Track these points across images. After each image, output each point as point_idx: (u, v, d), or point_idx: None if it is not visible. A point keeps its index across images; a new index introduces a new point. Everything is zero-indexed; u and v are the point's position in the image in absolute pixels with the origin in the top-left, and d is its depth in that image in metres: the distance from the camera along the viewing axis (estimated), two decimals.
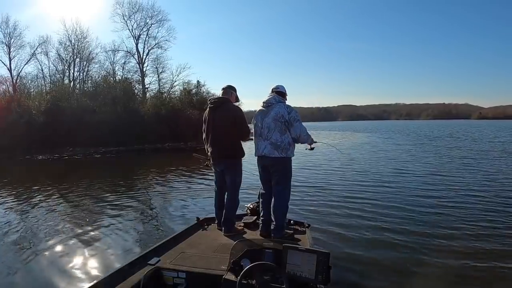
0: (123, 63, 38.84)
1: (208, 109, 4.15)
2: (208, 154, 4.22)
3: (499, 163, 13.00)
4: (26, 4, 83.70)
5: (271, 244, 2.85)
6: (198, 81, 38.32)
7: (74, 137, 24.27)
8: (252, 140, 4.12)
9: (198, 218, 4.50)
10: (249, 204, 4.78)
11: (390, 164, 13.13)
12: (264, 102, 3.98)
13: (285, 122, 3.79)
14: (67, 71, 35.72)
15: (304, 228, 4.14)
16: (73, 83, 35.37)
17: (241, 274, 2.48)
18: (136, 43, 39.14)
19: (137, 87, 37.78)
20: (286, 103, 4.02)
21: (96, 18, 75.29)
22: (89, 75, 36.54)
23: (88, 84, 35.94)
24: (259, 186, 4.15)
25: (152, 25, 39.36)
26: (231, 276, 2.62)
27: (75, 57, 35.44)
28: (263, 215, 3.97)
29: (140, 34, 39.10)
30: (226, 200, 4.09)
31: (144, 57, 39.32)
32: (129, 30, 38.95)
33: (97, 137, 24.93)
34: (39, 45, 35.04)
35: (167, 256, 3.24)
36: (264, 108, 3.97)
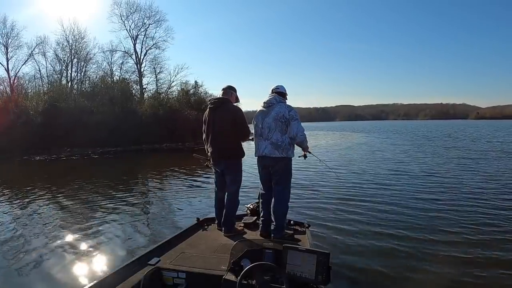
0: (120, 64, 38.73)
1: (208, 109, 4.14)
2: (208, 154, 4.21)
3: (498, 163, 12.98)
4: (23, 4, 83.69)
5: (271, 244, 2.85)
6: (195, 81, 38.29)
7: (72, 137, 24.23)
8: (251, 140, 4.12)
9: (198, 218, 4.49)
10: (249, 204, 4.77)
11: (389, 164, 13.13)
12: (264, 102, 3.98)
13: (285, 121, 3.80)
14: (65, 71, 35.62)
15: (304, 229, 4.13)
16: (70, 83, 35.22)
17: (241, 274, 2.48)
18: (134, 44, 39.02)
19: (134, 88, 37.71)
20: (287, 103, 4.02)
21: (93, 19, 75.10)
22: (86, 76, 36.44)
23: (86, 84, 35.83)
24: (259, 186, 4.15)
25: (150, 25, 39.22)
26: (231, 276, 2.62)
27: (72, 57, 35.30)
28: (263, 215, 3.97)
29: (137, 35, 38.97)
30: (226, 200, 4.07)
31: (141, 57, 39.19)
32: (126, 30, 38.82)
33: (94, 137, 24.89)
34: (37, 45, 34.93)
35: (167, 256, 3.24)
36: (265, 109, 3.97)
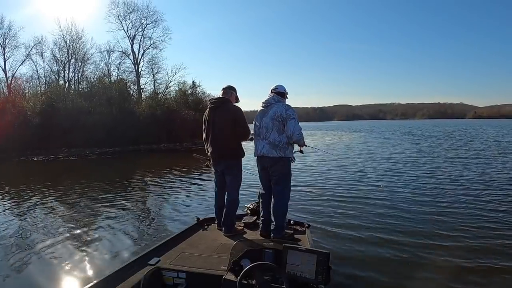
0: (118, 64, 38.68)
1: (208, 109, 4.15)
2: (208, 154, 4.22)
3: (497, 163, 12.92)
4: (20, 4, 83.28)
5: (271, 244, 2.86)
6: (193, 81, 38.21)
7: (69, 138, 24.18)
8: (250, 140, 4.13)
9: (198, 218, 4.50)
10: (249, 204, 4.78)
11: (388, 165, 13.11)
12: (263, 102, 3.99)
13: (282, 121, 3.79)
14: (62, 71, 35.50)
15: (304, 228, 4.14)
16: (68, 83, 35.11)
17: (241, 274, 2.49)
18: (131, 44, 38.96)
19: (132, 88, 37.59)
20: (286, 102, 4.03)
21: (91, 19, 74.93)
22: (84, 76, 36.33)
23: (83, 84, 35.64)
24: (259, 186, 4.16)
25: (148, 25, 39.16)
26: (231, 276, 2.62)
27: (70, 57, 35.23)
28: (263, 215, 3.98)
29: (135, 35, 38.94)
30: (226, 200, 4.08)
31: (139, 57, 39.14)
32: (124, 30, 38.75)
33: (92, 138, 24.82)
34: (34, 45, 34.91)
35: (167, 256, 3.24)
36: (264, 108, 3.98)
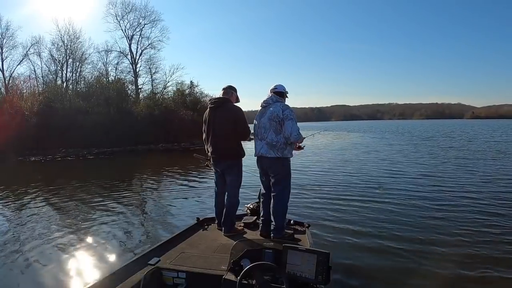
0: (116, 64, 38.61)
1: (208, 109, 4.14)
2: (208, 154, 4.22)
3: (495, 164, 12.92)
4: (18, 4, 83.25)
5: (271, 244, 2.85)
6: (191, 81, 38.33)
7: (67, 138, 24.15)
8: (248, 141, 4.13)
9: (198, 218, 4.49)
10: (249, 204, 4.78)
11: (386, 165, 13.11)
12: (262, 102, 4.00)
13: (279, 121, 3.78)
14: (60, 71, 35.46)
15: (304, 228, 4.14)
16: (65, 83, 35.06)
17: (241, 274, 2.48)
18: (129, 44, 38.94)
19: (130, 88, 37.62)
20: (286, 102, 4.03)
21: (89, 18, 74.90)
22: (82, 76, 36.30)
23: (81, 84, 35.68)
24: (259, 186, 4.16)
25: (145, 25, 39.18)
26: (231, 276, 2.62)
27: (67, 57, 35.16)
28: (263, 215, 3.98)
29: (133, 35, 38.90)
30: (226, 200, 4.08)
31: (137, 57, 39.12)
32: (122, 30, 38.75)
33: (90, 138, 24.81)
34: (32, 45, 34.86)
35: (167, 256, 3.24)
36: (262, 108, 3.99)
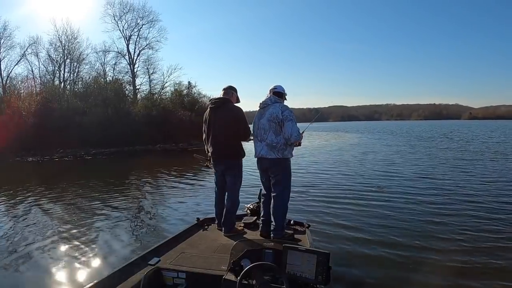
0: (113, 64, 38.58)
1: (208, 109, 4.14)
2: (208, 154, 4.21)
3: (494, 165, 12.88)
4: (16, 4, 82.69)
5: (271, 244, 2.86)
6: (189, 82, 38.24)
7: (65, 138, 24.06)
8: (247, 142, 4.14)
9: (198, 218, 4.50)
10: (249, 205, 4.78)
11: (385, 166, 13.10)
12: (260, 103, 3.99)
13: (279, 122, 3.77)
14: (58, 72, 35.37)
15: (304, 228, 4.14)
16: (63, 84, 35.02)
17: (241, 274, 2.48)
18: (127, 44, 38.88)
19: (128, 88, 37.52)
20: (285, 103, 4.02)
21: (86, 19, 74.30)
22: (79, 76, 36.24)
23: (79, 85, 35.56)
24: (259, 186, 4.16)
25: (143, 25, 39.09)
26: (231, 276, 2.62)
27: (65, 57, 35.10)
28: (263, 215, 3.98)
29: (131, 35, 38.84)
30: (226, 200, 4.08)
31: (135, 57, 39.05)
32: (120, 30, 38.67)
33: (87, 138, 24.75)
34: (29, 45, 34.67)
35: (167, 256, 3.24)
36: (261, 109, 3.98)
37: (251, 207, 4.68)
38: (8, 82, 33.65)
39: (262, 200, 4.09)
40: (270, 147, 3.79)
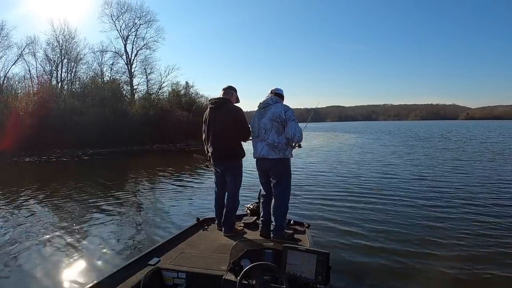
0: (111, 64, 38.56)
1: (208, 109, 4.13)
2: (208, 154, 4.21)
3: (492, 165, 12.86)
4: (13, 4, 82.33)
5: (271, 244, 2.85)
6: (186, 82, 38.34)
7: (62, 138, 23.98)
8: (249, 141, 4.13)
9: (198, 218, 4.50)
10: (249, 205, 4.78)
11: (384, 166, 13.08)
12: (261, 103, 3.98)
13: (282, 122, 3.78)
14: (55, 72, 35.27)
15: (304, 228, 4.15)
16: (60, 84, 34.91)
17: (241, 274, 2.48)
18: (125, 44, 38.84)
19: (125, 88, 37.57)
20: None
21: (84, 19, 74.22)
22: (77, 76, 36.16)
23: (76, 85, 35.44)
24: (259, 186, 4.15)
25: (141, 25, 39.10)
26: (231, 276, 2.62)
27: (62, 57, 35.01)
28: (263, 216, 3.98)
29: (128, 35, 38.83)
30: (226, 200, 4.08)
31: (132, 57, 39.04)
32: (117, 30, 38.63)
33: (85, 138, 24.67)
34: (27, 45, 34.56)
35: (167, 256, 3.24)
36: (261, 109, 3.96)
37: (251, 207, 4.68)
38: (5, 82, 33.58)
39: (261, 200, 4.09)
40: (272, 147, 3.79)
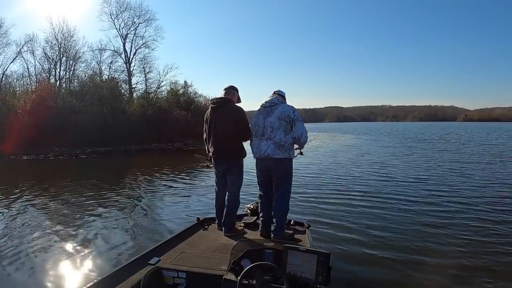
0: (110, 63, 38.45)
1: (210, 109, 4.12)
2: (209, 154, 4.20)
3: (491, 167, 12.83)
4: (13, 2, 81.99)
5: (272, 245, 2.86)
6: (185, 81, 38.46)
7: (60, 137, 23.98)
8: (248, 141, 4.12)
9: (199, 218, 4.49)
10: (249, 205, 4.77)
11: (382, 167, 13.10)
12: (266, 102, 3.95)
13: (290, 121, 3.77)
14: (53, 70, 35.18)
15: (304, 229, 4.13)
16: (59, 82, 34.81)
17: (241, 274, 2.48)
18: (123, 43, 38.78)
19: (123, 87, 37.45)
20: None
21: (83, 17, 74.19)
22: (75, 74, 36.07)
23: (75, 83, 35.41)
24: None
25: (140, 24, 39.06)
26: (231, 276, 2.62)
27: (61, 56, 34.91)
28: (263, 216, 3.96)
29: (127, 34, 38.79)
30: (226, 200, 4.07)
31: (131, 56, 38.97)
32: (116, 29, 38.59)
33: (83, 137, 24.68)
34: (25, 43, 34.42)
35: (167, 256, 3.24)
36: (267, 108, 3.92)
37: (251, 207, 4.67)
38: (3, 79, 33.49)
39: (261, 201, 4.05)
40: (278, 146, 3.75)
